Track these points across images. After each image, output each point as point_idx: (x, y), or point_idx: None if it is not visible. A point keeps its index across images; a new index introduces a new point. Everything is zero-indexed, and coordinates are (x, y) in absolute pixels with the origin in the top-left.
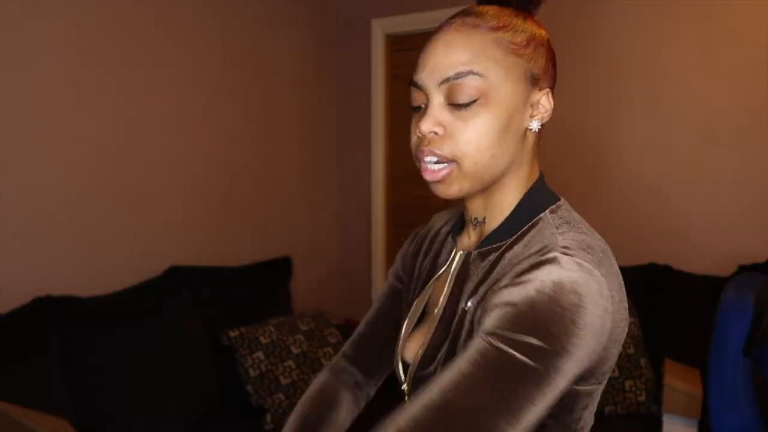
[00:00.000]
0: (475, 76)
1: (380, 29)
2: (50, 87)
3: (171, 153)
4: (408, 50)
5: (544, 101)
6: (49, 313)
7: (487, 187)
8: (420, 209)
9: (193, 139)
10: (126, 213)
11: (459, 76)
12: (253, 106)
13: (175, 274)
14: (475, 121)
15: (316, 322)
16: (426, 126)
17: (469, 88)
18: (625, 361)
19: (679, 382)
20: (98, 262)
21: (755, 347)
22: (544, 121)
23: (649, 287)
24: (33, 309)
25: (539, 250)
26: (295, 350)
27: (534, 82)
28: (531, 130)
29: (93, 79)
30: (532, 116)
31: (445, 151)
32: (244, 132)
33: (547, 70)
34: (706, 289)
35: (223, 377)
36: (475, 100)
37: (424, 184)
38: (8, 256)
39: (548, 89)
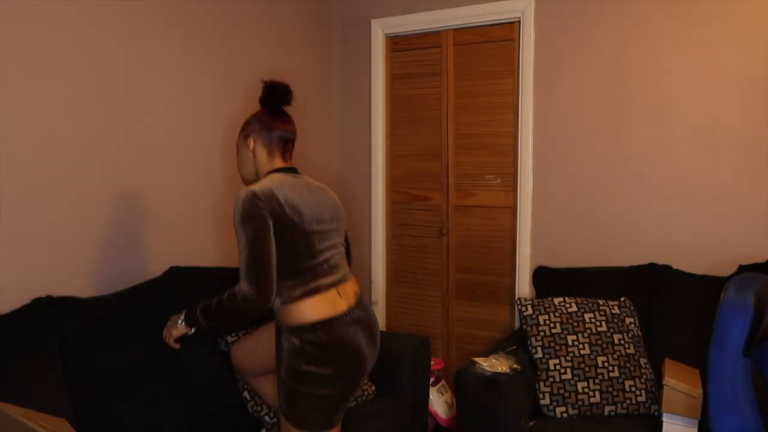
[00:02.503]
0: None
1: (380, 29)
2: (49, 87)
3: (171, 153)
4: (408, 50)
5: (250, 142)
6: (49, 313)
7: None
8: (420, 209)
9: (193, 138)
10: (126, 213)
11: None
12: (253, 107)
13: (175, 274)
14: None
15: None
16: None
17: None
18: (625, 361)
19: (679, 382)
20: (98, 262)
21: (755, 347)
22: (254, 151)
23: (649, 287)
24: (33, 309)
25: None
26: None
27: (246, 138)
28: (252, 155)
29: (92, 80)
30: (251, 151)
31: None
32: None
33: (252, 130)
34: (706, 289)
35: (223, 378)
36: (237, 150)
37: (424, 184)
38: (8, 256)
39: (253, 136)
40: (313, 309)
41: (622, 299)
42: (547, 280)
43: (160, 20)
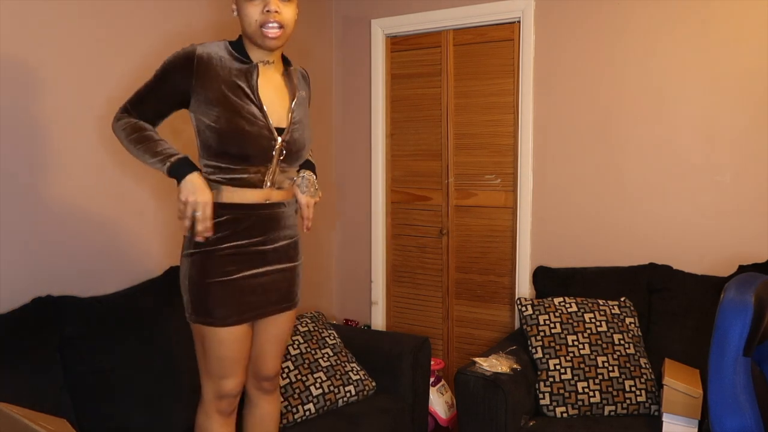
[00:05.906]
0: None
1: (380, 29)
2: (48, 86)
3: None
4: (408, 50)
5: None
6: (49, 313)
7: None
8: (420, 209)
9: (193, 138)
10: (126, 213)
11: None
12: None
13: (176, 275)
14: (291, 7)
15: (314, 324)
16: (274, 7)
17: None
18: (625, 361)
19: (679, 382)
20: (98, 262)
21: (755, 347)
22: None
23: (649, 287)
24: (33, 309)
25: (303, 71)
26: (293, 351)
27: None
28: None
29: (94, 81)
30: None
31: (282, 21)
32: None
33: None
34: (706, 289)
35: None
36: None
37: (424, 184)
38: (8, 256)
39: None
40: None
41: (622, 299)
42: (547, 280)
43: (157, 16)
